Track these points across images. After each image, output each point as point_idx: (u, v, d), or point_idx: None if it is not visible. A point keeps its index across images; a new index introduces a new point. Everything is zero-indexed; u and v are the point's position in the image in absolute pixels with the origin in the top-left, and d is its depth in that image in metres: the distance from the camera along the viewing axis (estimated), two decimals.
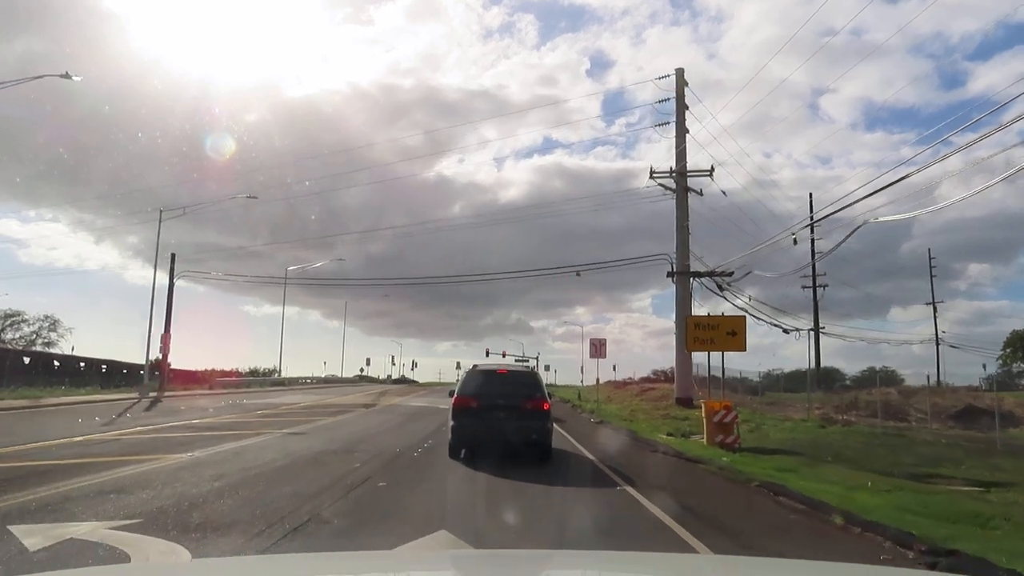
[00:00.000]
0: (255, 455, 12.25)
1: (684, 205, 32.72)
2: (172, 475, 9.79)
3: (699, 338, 17.36)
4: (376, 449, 14.01)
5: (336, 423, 20.35)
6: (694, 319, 18.08)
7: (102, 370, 47.03)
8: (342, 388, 57.50)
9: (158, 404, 30.14)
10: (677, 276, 32.04)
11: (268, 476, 9.99)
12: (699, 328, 17.42)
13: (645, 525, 7.82)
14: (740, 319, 17.82)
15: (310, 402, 32.50)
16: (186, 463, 10.99)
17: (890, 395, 34.24)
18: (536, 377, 14.34)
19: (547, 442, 12.77)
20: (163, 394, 38.93)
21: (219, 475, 9.84)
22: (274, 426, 18.48)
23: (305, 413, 24.40)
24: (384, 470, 11.16)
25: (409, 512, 7.94)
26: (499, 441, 12.13)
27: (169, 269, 42.29)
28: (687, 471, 12.60)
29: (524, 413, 12.49)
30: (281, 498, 8.36)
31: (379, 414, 25.30)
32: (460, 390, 13.12)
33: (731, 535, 7.44)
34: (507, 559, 3.53)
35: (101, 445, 13.54)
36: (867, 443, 17.92)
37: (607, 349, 32.03)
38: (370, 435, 17.11)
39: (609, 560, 3.60)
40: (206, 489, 8.76)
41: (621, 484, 10.45)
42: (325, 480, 9.84)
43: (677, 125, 32.94)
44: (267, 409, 26.34)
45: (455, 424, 12.69)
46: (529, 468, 11.58)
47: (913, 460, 14.68)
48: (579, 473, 11.99)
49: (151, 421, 19.91)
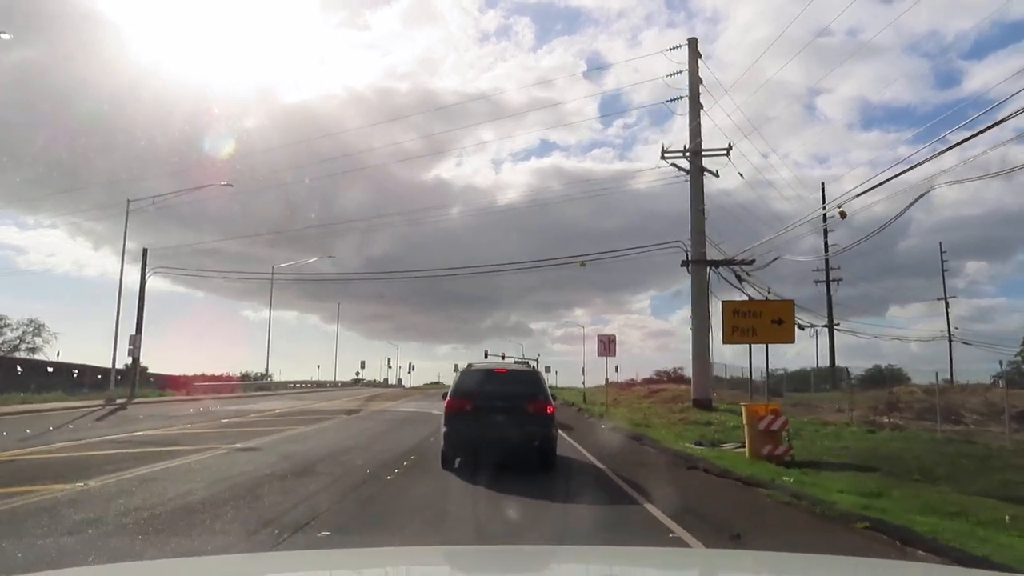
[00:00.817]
0: (169, 484, 9.17)
1: (699, 187, 29.66)
2: (15, 523, 6.74)
3: (738, 328, 14.31)
4: (341, 470, 10.98)
5: (305, 434, 17.28)
6: (732, 305, 14.97)
7: (73, 375, 43.83)
8: (332, 392, 54.43)
9: (119, 412, 27.05)
10: (692, 265, 29.02)
11: (157, 522, 6.93)
12: (738, 316, 14.37)
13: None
14: (787, 304, 14.74)
15: (288, 408, 29.43)
16: (60, 500, 7.91)
17: (915, 393, 31.48)
18: (538, 376, 12.93)
19: (551, 449, 11.54)
20: (132, 400, 35.86)
21: (85, 522, 6.79)
22: (229, 439, 15.43)
23: (276, 422, 21.34)
24: (340, 505, 8.15)
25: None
26: (497, 448, 10.90)
27: (141, 265, 39.23)
28: (749, 501, 9.52)
29: (525, 417, 11.29)
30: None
31: (361, 421, 22.22)
32: (453, 392, 11.82)
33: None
34: (509, 554, 3.48)
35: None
36: (939, 452, 14.87)
37: (615, 347, 29.13)
38: (341, 449, 14.05)
39: (610, 555, 3.48)
40: (29, 555, 5.70)
41: (672, 528, 7.38)
42: (239, 527, 6.79)
43: (691, 100, 29.89)
44: (235, 417, 23.28)
45: (447, 430, 11.38)
46: (539, 497, 8.58)
47: (1020, 477, 11.66)
48: (607, 506, 8.96)
49: (89, 434, 16.83)
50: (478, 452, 10.94)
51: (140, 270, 38.95)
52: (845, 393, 35.56)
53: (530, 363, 48.35)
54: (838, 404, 28.62)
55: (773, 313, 14.27)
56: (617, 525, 7.69)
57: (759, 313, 14.25)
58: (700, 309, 28.82)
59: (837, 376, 48.15)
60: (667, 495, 9.24)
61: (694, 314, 28.92)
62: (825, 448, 15.69)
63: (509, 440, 10.95)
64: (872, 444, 16.70)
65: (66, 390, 38.27)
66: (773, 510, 8.81)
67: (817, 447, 15.76)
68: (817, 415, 26.66)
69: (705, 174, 29.79)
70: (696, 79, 29.99)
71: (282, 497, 8.40)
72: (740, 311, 14.43)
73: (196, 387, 48.59)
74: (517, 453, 11.08)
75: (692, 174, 29.65)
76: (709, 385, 29.32)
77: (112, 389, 33.93)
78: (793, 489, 9.73)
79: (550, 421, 11.49)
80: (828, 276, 53.94)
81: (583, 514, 8.33)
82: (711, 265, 29.20)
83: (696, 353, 28.74)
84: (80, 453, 12.71)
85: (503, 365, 14.65)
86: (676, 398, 34.90)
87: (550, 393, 12.20)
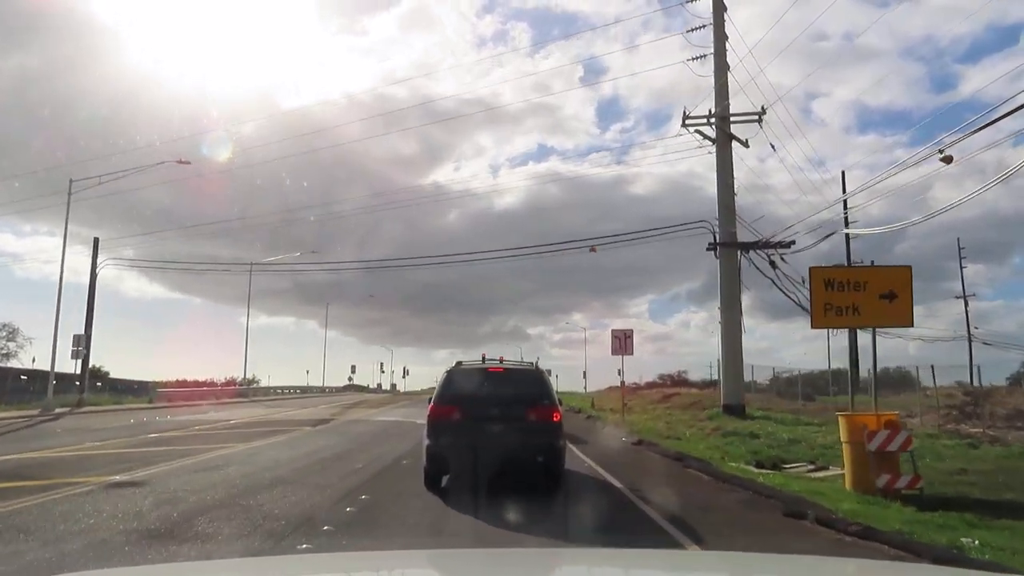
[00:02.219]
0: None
1: (727, 157, 25.42)
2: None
3: (834, 306, 9.97)
4: (242, 525, 6.70)
5: (234, 457, 12.92)
6: (824, 273, 10.44)
7: (21, 380, 39.31)
8: (313, 399, 50.02)
9: (45, 424, 22.70)
10: (720, 248, 24.78)
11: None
12: (833, 290, 10.00)
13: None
14: (901, 272, 10.25)
15: (248, 419, 25.07)
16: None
17: (955, 396, 27.36)
18: (541, 377, 10.51)
19: (558, 465, 9.65)
20: (79, 408, 31.50)
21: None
22: (124, 465, 11.13)
23: (215, 437, 17.03)
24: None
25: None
26: (491, 464, 8.83)
27: (92, 255, 34.88)
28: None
29: (526, 426, 9.47)
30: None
31: (324, 436, 17.85)
32: (438, 396, 9.87)
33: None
34: (512, 557, 3.39)
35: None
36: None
37: (632, 343, 24.83)
38: (264, 484, 9.70)
39: (612, 557, 3.40)
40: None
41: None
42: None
43: (716, 56, 25.65)
44: (172, 431, 18.96)
45: (430, 443, 9.48)
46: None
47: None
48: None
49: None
50: (469, 470, 8.95)
51: (91, 261, 34.56)
52: (870, 397, 31.34)
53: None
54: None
55: (882, 284, 9.90)
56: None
57: (863, 284, 9.88)
58: (730, 299, 24.59)
59: (846, 379, 43.83)
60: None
61: (724, 305, 24.66)
62: (943, 473, 11.42)
63: (507, 455, 9.01)
64: (994, 464, 12.47)
65: (19, 398, 33.94)
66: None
67: (932, 471, 11.46)
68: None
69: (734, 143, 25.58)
70: (722, 31, 25.78)
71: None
72: (836, 282, 10.03)
73: (161, 395, 44.20)
74: (516, 470, 9.21)
75: (719, 142, 25.42)
76: (742, 388, 25.06)
77: (50, 398, 29.47)
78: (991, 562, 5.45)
79: (557, 430, 9.61)
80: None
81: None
82: (743, 248, 24.98)
83: (726, 349, 24.44)
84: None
85: (498, 364, 10.76)
86: (696, 403, 30.70)
87: (556, 397, 10.24)
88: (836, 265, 12.04)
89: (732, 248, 24.84)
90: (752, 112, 25.38)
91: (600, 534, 7.04)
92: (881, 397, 31.43)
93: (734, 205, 25.20)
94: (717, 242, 24.82)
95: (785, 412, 25.62)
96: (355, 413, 29.22)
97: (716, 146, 25.46)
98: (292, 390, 66.04)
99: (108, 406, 34.29)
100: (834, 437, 17.35)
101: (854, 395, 12.19)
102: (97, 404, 34.68)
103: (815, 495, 9.32)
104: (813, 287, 10.20)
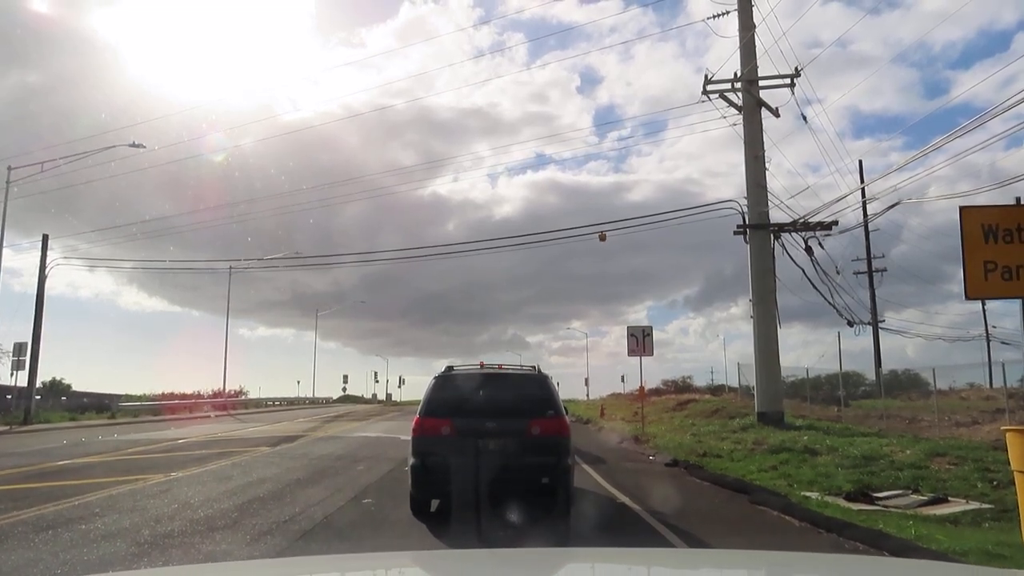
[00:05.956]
0: None
1: (757, 126, 22.04)
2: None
3: (998, 265, 6.55)
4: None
5: (142, 494, 9.37)
6: (979, 215, 6.95)
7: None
8: (297, 411, 46.42)
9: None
10: (751, 230, 21.37)
11: None
12: (995, 242, 6.60)
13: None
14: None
15: (207, 436, 21.53)
16: None
17: (996, 399, 24.05)
18: (546, 382, 8.92)
19: (566, 487, 8.13)
20: (24, 426, 27.95)
21: None
22: None
23: (144, 464, 13.50)
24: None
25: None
26: (486, 487, 7.49)
27: (40, 256, 31.33)
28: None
29: (529, 442, 8.05)
30: None
31: (277, 461, 14.25)
32: (425, 407, 8.41)
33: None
34: (514, 557, 3.28)
35: None
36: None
37: (652, 343, 21.36)
38: (133, 552, 6.20)
39: (613, 556, 3.31)
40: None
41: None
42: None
43: (740, 14, 22.35)
44: (99, 455, 15.44)
45: (416, 463, 8.09)
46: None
47: None
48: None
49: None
50: (460, 495, 7.80)
51: (40, 261, 30.98)
52: (897, 401, 28.07)
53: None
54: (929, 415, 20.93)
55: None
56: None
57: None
58: (763, 290, 21.17)
59: (854, 382, 40.05)
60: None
61: (756, 297, 21.24)
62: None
63: (505, 476, 7.76)
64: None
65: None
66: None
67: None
68: (919, 430, 19.05)
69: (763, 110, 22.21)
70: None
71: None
72: (998, 229, 6.60)
73: (130, 409, 40.50)
74: (516, 494, 7.77)
75: (746, 109, 22.04)
76: (781, 393, 21.61)
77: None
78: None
79: (564, 446, 8.32)
80: (870, 266, 46.28)
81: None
82: (777, 230, 21.58)
83: (761, 347, 20.99)
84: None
85: (496, 369, 9.30)
86: (718, 410, 27.25)
87: (563, 405, 8.79)
88: (1000, 205, 8.50)
89: (764, 231, 21.46)
90: (784, 75, 22.04)
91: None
92: (907, 400, 28.33)
93: (765, 181, 21.83)
94: (747, 224, 21.44)
95: (825, 420, 22.27)
96: (333, 428, 25.65)
97: (743, 114, 22.10)
98: (281, 402, 62.81)
99: (60, 423, 30.69)
100: (915, 453, 13.94)
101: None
102: (48, 421, 31.09)
103: (989, 558, 5.87)
104: (967, 238, 6.73)
